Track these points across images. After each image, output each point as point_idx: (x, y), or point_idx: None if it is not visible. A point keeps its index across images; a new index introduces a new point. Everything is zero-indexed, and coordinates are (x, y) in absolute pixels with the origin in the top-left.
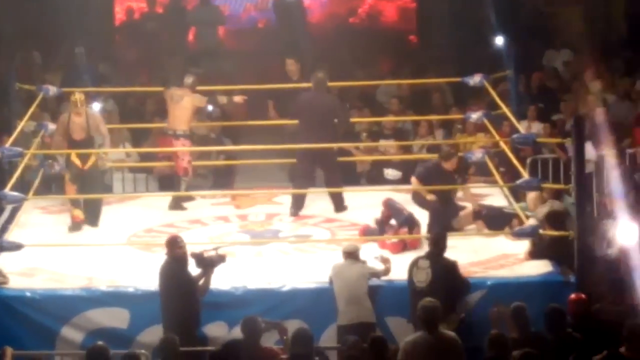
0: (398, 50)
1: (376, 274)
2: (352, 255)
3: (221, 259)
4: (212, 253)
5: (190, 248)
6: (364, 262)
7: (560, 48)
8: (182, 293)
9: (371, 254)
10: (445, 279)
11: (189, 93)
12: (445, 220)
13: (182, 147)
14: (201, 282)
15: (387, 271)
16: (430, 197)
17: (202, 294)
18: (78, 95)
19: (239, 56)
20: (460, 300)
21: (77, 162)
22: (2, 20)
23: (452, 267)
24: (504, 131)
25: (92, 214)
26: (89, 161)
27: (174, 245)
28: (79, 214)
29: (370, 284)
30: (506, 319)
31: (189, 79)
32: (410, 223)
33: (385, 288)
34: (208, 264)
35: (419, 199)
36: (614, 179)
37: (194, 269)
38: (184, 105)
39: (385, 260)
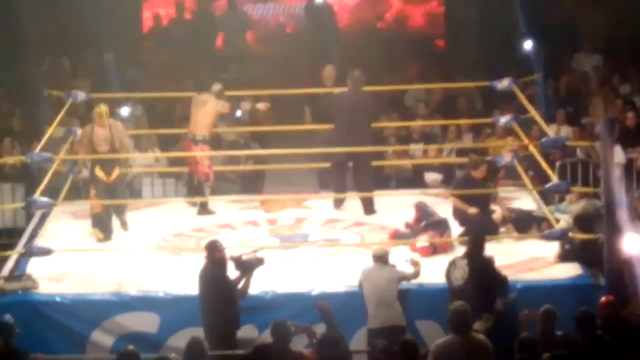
0: (425, 55)
1: (406, 278)
2: (381, 259)
3: (259, 262)
4: (251, 256)
5: (229, 252)
6: (393, 266)
7: (588, 51)
8: (222, 296)
9: (401, 257)
10: (482, 275)
11: (213, 99)
12: (484, 228)
13: (201, 152)
14: (240, 285)
15: (416, 274)
16: (472, 210)
17: (241, 297)
18: (103, 108)
19: (267, 61)
20: (499, 297)
21: (102, 174)
22: (31, 26)
23: (488, 263)
24: (533, 135)
25: (122, 222)
26: (114, 173)
27: (214, 249)
28: (97, 233)
29: (400, 287)
30: (536, 321)
31: (216, 86)
32: (441, 227)
33: (416, 291)
34: (247, 267)
35: (460, 215)
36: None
37: (232, 273)
38: (206, 110)
39: (415, 264)
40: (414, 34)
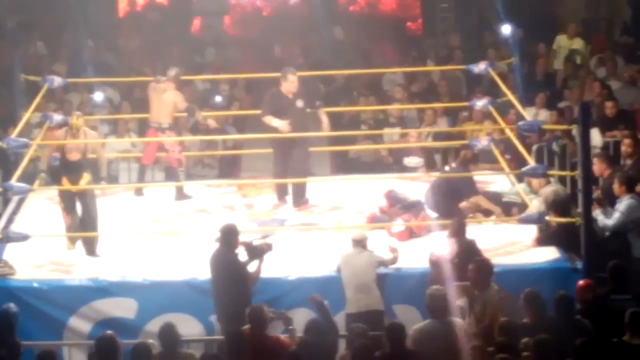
0: (400, 38)
1: (384, 263)
2: (360, 243)
3: (269, 247)
4: (261, 242)
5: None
6: (371, 251)
7: (564, 34)
8: (237, 281)
9: (379, 242)
10: (467, 255)
11: (172, 88)
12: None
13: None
14: (253, 270)
15: (394, 260)
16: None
17: (254, 282)
18: (76, 120)
19: (243, 44)
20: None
21: (68, 185)
22: (6, 11)
23: (472, 243)
24: (510, 119)
25: (87, 242)
26: (81, 181)
27: (232, 233)
28: (69, 244)
29: (378, 272)
30: (511, 305)
31: (172, 71)
32: (416, 208)
33: (394, 276)
34: (258, 252)
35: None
36: None
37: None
38: (166, 99)
39: (393, 250)
40: (387, 17)
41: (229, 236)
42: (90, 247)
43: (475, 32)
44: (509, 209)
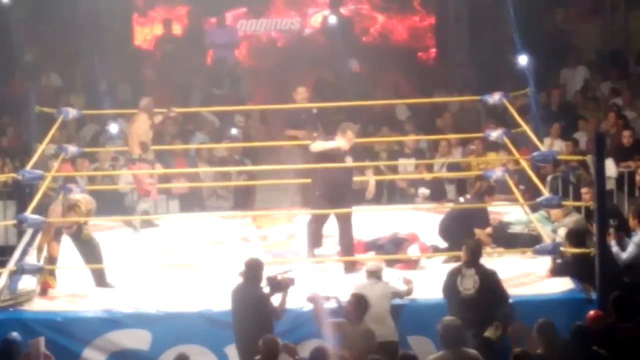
0: (414, 69)
1: (399, 294)
2: (374, 274)
3: (292, 281)
4: (285, 276)
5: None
6: (386, 282)
7: (574, 65)
8: (263, 316)
9: (393, 274)
10: (492, 284)
11: (142, 118)
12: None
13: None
14: (278, 305)
15: (410, 292)
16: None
17: (280, 317)
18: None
19: (258, 75)
20: (501, 309)
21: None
22: (22, 43)
23: (494, 274)
24: (526, 149)
25: (97, 276)
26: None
27: (257, 269)
28: (52, 281)
29: (393, 303)
30: (526, 335)
31: (143, 101)
32: (399, 242)
33: (408, 307)
34: (282, 287)
35: (449, 234)
36: None
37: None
38: (132, 130)
39: (407, 281)
40: (400, 47)
41: (254, 271)
42: (100, 279)
43: (490, 62)
44: (514, 240)
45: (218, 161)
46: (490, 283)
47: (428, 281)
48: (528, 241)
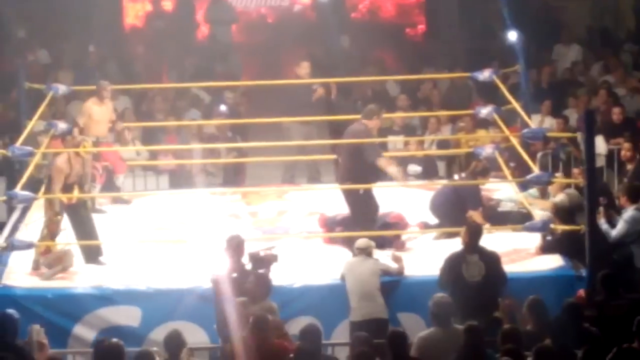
0: (404, 46)
1: (389, 272)
2: (364, 251)
3: (274, 258)
4: (268, 253)
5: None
6: (376, 259)
7: (569, 42)
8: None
9: (384, 253)
10: (496, 270)
11: (93, 102)
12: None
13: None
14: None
15: (401, 270)
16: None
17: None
18: (89, 143)
19: (247, 51)
20: (502, 291)
21: (63, 199)
22: (11, 20)
23: (497, 257)
24: (516, 126)
25: (87, 252)
26: (73, 193)
27: (240, 247)
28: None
29: (382, 280)
30: (517, 311)
31: (101, 85)
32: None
33: (398, 284)
34: (266, 263)
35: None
36: None
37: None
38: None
39: (398, 259)
40: (386, 24)
41: (236, 248)
42: (92, 256)
43: (479, 39)
44: (504, 218)
45: (208, 138)
46: (494, 267)
47: (419, 258)
48: (518, 219)
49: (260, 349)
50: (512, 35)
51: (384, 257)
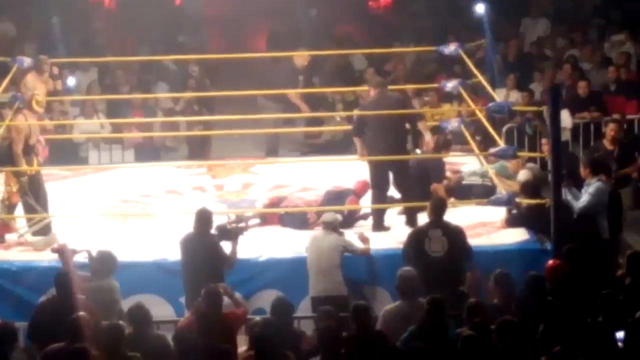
0: (369, 19)
1: (352, 250)
2: (330, 225)
3: (242, 230)
4: (234, 225)
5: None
6: (341, 233)
7: (536, 16)
8: (213, 266)
9: (351, 232)
10: (459, 244)
11: (32, 74)
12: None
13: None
14: (229, 253)
15: (366, 251)
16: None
17: (232, 265)
18: (41, 97)
19: (212, 24)
20: (468, 265)
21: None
22: None
23: (461, 232)
24: (483, 100)
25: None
26: (34, 165)
27: (207, 218)
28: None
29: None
30: (483, 285)
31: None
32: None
33: (363, 257)
34: (232, 235)
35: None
36: None
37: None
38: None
39: (365, 240)
40: None
41: (204, 219)
42: (47, 227)
43: (446, 12)
44: (468, 192)
45: (174, 111)
46: (458, 242)
47: (384, 232)
48: (483, 193)
49: (211, 321)
50: (480, 8)
51: (351, 236)
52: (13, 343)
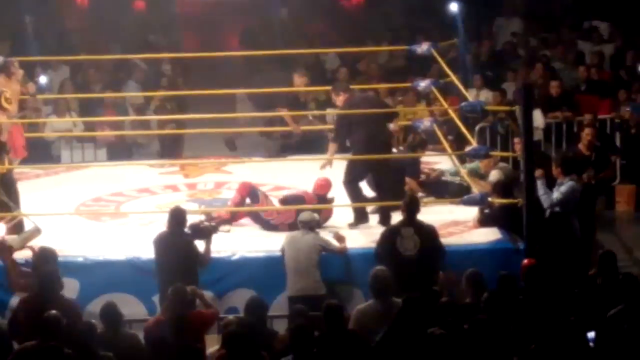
0: (342, 18)
1: (329, 249)
2: (307, 225)
3: (215, 229)
4: (207, 223)
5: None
6: (317, 234)
7: (510, 16)
8: (187, 265)
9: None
10: (431, 243)
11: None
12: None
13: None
14: (203, 252)
15: (342, 250)
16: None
17: (206, 264)
18: (10, 95)
19: (185, 22)
20: (440, 264)
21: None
22: None
23: (434, 231)
24: (455, 100)
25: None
26: (6, 163)
27: (181, 217)
28: None
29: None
30: (456, 284)
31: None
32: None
33: (336, 256)
34: (206, 234)
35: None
36: None
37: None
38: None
39: (340, 239)
40: None
41: (179, 218)
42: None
43: (418, 11)
44: (444, 188)
45: (145, 108)
46: (430, 241)
47: (356, 231)
48: (457, 190)
49: (179, 320)
50: (453, 7)
51: (327, 235)
52: None
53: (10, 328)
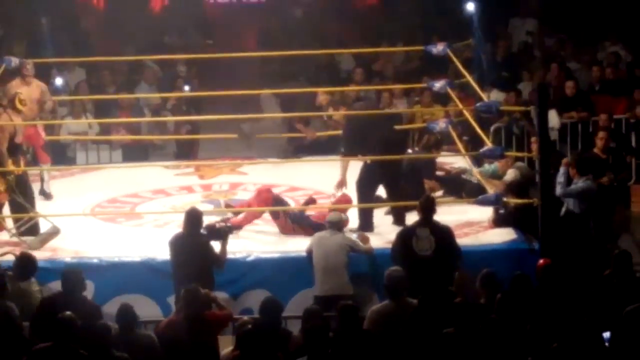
0: (358, 19)
1: (358, 250)
2: (335, 225)
3: (230, 230)
4: (223, 224)
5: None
6: (344, 234)
7: (525, 16)
8: (203, 266)
9: (351, 233)
10: (447, 243)
11: (14, 82)
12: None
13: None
14: (219, 253)
15: (369, 251)
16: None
17: (222, 265)
18: (24, 96)
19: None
20: (456, 265)
21: (13, 168)
22: None
23: (450, 231)
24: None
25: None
26: (21, 165)
27: (197, 219)
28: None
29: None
30: (470, 285)
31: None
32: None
33: (350, 258)
34: (222, 235)
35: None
36: None
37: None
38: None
39: (365, 240)
40: None
41: (194, 219)
42: (34, 226)
43: (434, 11)
44: (461, 186)
45: (162, 108)
46: (446, 241)
47: (372, 232)
48: (474, 190)
49: (192, 322)
50: (470, 6)
51: (352, 236)
52: None
53: (31, 328)
